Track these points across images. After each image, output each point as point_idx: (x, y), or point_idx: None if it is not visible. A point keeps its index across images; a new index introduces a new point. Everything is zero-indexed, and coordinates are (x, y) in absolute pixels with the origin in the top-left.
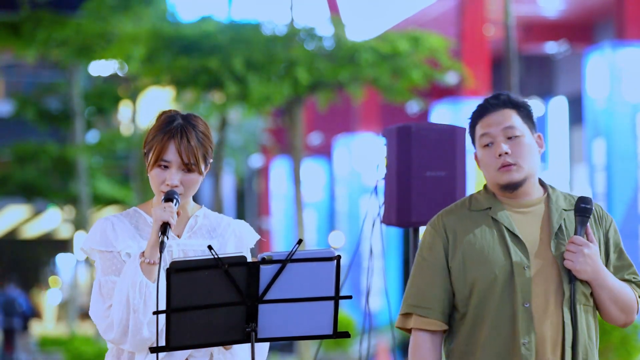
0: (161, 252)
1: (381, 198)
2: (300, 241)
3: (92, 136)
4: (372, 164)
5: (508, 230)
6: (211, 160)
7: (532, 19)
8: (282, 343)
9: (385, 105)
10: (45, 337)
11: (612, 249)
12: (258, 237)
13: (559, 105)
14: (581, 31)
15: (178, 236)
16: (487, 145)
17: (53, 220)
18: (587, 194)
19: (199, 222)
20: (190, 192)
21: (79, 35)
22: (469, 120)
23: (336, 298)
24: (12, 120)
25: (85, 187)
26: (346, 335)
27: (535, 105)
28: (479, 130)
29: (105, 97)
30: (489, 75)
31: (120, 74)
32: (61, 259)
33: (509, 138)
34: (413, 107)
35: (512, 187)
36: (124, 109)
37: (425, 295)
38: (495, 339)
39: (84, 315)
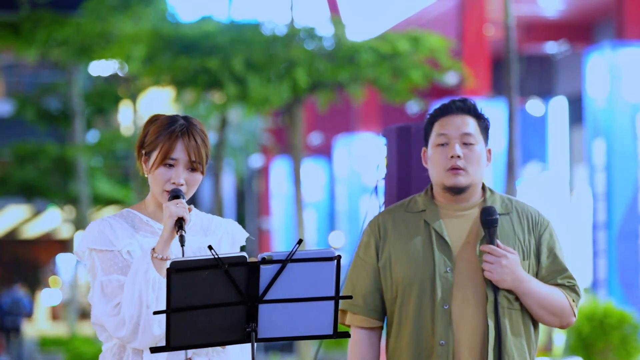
0: (183, 245)
1: (381, 198)
2: (300, 241)
3: (92, 136)
4: (372, 164)
5: (437, 233)
6: (209, 161)
7: (532, 19)
8: (282, 343)
9: (385, 106)
10: (45, 337)
11: (544, 253)
12: (247, 234)
13: (559, 105)
14: (581, 31)
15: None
16: (441, 144)
17: (53, 220)
18: (587, 194)
19: (193, 221)
20: (192, 192)
21: (78, 35)
22: (429, 116)
23: (336, 298)
24: (12, 120)
25: (85, 187)
26: (346, 335)
27: (535, 105)
28: (437, 128)
29: (105, 97)
30: (489, 75)
31: (120, 74)
32: (61, 259)
33: (464, 144)
34: (413, 107)
35: (456, 191)
36: (124, 109)
37: (358, 293)
38: (416, 339)
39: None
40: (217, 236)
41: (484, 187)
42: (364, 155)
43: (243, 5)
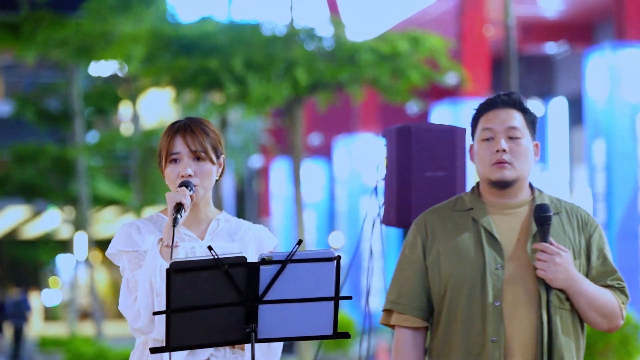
0: (174, 225)
1: (381, 198)
2: (300, 242)
3: (92, 136)
4: (372, 165)
5: (486, 230)
6: (223, 154)
7: (532, 20)
8: (282, 343)
9: (385, 106)
10: (45, 337)
11: (595, 254)
12: (277, 241)
13: (559, 105)
14: (581, 32)
15: (201, 238)
16: (487, 139)
17: (53, 220)
18: (587, 194)
19: (221, 225)
20: (207, 182)
21: (78, 35)
22: (475, 111)
23: (336, 298)
24: (11, 121)
25: (85, 188)
26: (346, 335)
27: (535, 105)
28: (482, 122)
29: (105, 97)
30: (489, 75)
31: (120, 74)
32: (61, 259)
33: (510, 138)
34: (413, 107)
35: (502, 185)
36: (124, 109)
37: (404, 292)
38: (467, 337)
39: (84, 315)
40: (244, 242)
41: (531, 187)
42: (363, 155)
43: (243, 5)
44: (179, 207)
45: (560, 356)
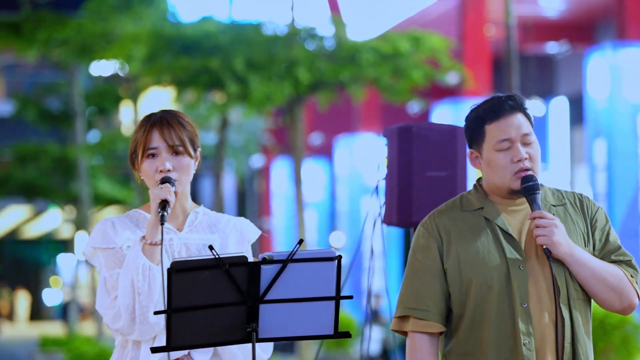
0: (162, 223)
1: (382, 198)
2: (301, 241)
3: (93, 136)
4: (373, 164)
5: (501, 229)
6: (199, 148)
7: (533, 19)
8: (283, 343)
9: (386, 106)
10: (46, 337)
11: (597, 235)
12: (259, 232)
13: (559, 105)
14: (582, 31)
15: (179, 230)
16: (503, 149)
17: (54, 220)
18: (588, 194)
19: (199, 218)
20: (185, 177)
21: (79, 35)
22: (477, 118)
23: (337, 298)
24: (12, 120)
25: (86, 187)
26: (347, 335)
27: (536, 105)
28: (494, 132)
29: (106, 97)
30: (490, 75)
31: (121, 74)
32: (62, 259)
33: (525, 143)
34: (414, 107)
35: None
36: (125, 109)
37: (422, 297)
38: (497, 340)
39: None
40: (224, 233)
41: None
42: (364, 155)
43: (244, 5)
44: (164, 204)
45: (583, 348)
